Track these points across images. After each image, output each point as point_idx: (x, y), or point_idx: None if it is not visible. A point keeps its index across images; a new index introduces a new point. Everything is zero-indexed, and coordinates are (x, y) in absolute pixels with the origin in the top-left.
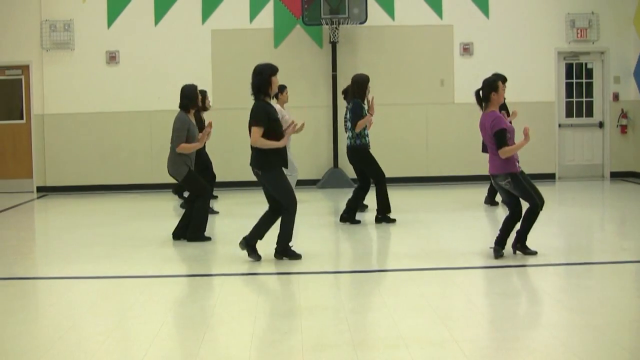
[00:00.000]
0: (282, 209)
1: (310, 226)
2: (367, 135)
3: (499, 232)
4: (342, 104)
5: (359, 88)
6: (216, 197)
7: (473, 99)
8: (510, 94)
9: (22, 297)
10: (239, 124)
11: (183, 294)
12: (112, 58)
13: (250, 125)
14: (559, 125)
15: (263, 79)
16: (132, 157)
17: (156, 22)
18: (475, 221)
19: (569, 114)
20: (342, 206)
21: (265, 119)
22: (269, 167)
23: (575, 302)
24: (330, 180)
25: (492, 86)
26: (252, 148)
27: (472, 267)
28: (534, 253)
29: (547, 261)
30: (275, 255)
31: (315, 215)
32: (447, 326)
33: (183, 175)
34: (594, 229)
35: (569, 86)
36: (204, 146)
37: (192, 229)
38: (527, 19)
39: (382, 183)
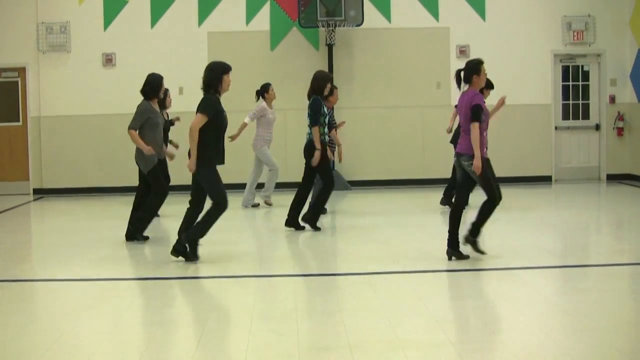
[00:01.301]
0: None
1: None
2: (325, 134)
3: (448, 233)
4: (338, 106)
5: (318, 85)
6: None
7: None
8: (507, 96)
9: (19, 299)
10: (234, 126)
11: (179, 296)
12: (109, 60)
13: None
14: (556, 128)
15: (214, 77)
16: (129, 159)
17: (152, 25)
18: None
19: (565, 116)
20: (337, 208)
21: (213, 110)
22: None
23: (572, 305)
24: None
25: (474, 68)
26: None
27: (469, 269)
28: (467, 257)
29: (543, 263)
30: (175, 246)
31: None
32: (444, 329)
33: (149, 167)
34: (590, 231)
35: (565, 89)
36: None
37: (136, 223)
38: (523, 21)
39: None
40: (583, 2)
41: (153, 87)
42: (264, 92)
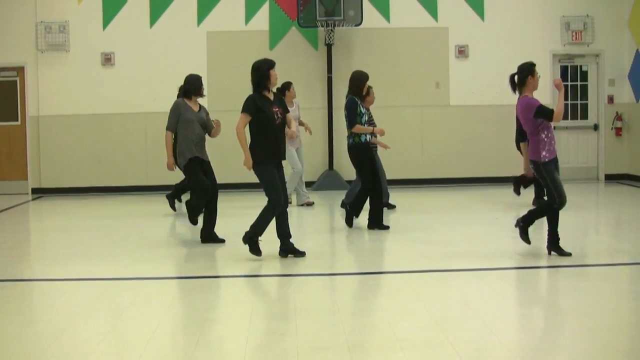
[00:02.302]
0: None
1: (306, 228)
2: (361, 135)
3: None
4: (337, 105)
5: (354, 85)
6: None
7: (468, 102)
8: (505, 96)
9: (17, 299)
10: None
11: (178, 295)
12: (108, 60)
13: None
14: (554, 128)
15: (261, 74)
16: (128, 159)
17: (151, 24)
18: (472, 223)
19: (563, 116)
20: (338, 207)
21: (252, 109)
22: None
23: (571, 305)
24: (326, 182)
25: (528, 70)
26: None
27: (468, 269)
28: (569, 254)
29: (542, 263)
30: (243, 239)
31: (310, 217)
32: (443, 328)
33: (183, 163)
34: (588, 231)
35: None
36: None
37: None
38: (522, 21)
39: (366, 190)
40: (582, 3)
41: (194, 85)
42: (284, 89)
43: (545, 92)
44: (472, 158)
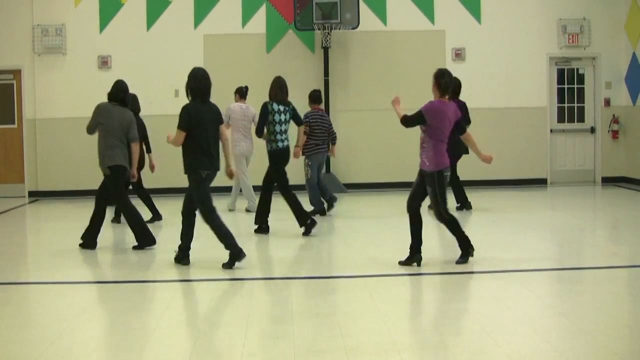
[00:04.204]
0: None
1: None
2: (278, 141)
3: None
4: (334, 108)
5: (272, 89)
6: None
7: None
8: (502, 99)
9: (13, 302)
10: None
11: (175, 299)
12: (104, 63)
13: (221, 120)
14: (551, 131)
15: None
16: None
17: (148, 27)
18: (465, 226)
19: (560, 119)
20: (335, 210)
21: None
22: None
23: (567, 307)
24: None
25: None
26: (217, 147)
27: (465, 272)
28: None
29: (539, 266)
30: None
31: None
32: (439, 331)
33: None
34: (585, 234)
35: (560, 91)
36: None
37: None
38: (519, 24)
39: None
40: (578, 6)
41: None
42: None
43: (542, 94)
44: (469, 160)
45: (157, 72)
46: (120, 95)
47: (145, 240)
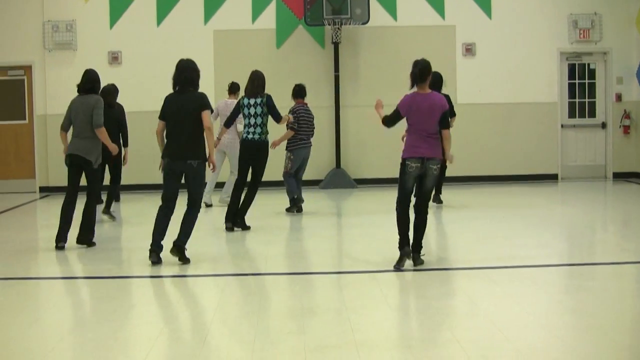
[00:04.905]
0: (191, 204)
1: (313, 226)
2: (244, 133)
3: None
4: (344, 104)
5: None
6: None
7: (475, 100)
8: (513, 95)
9: (24, 297)
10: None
11: (185, 294)
12: (115, 58)
13: (202, 109)
14: (562, 126)
15: (199, 74)
16: (135, 157)
17: (158, 23)
18: (476, 222)
19: (571, 114)
20: (345, 206)
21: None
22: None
23: (577, 303)
24: (333, 180)
25: (430, 66)
26: (191, 137)
27: (475, 267)
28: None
29: (549, 262)
30: (171, 251)
31: (317, 216)
32: (449, 327)
33: (99, 162)
34: (596, 229)
35: (571, 87)
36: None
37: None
38: (529, 19)
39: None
40: (589, 0)
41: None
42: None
43: (553, 90)
44: (477, 156)
45: (167, 68)
46: (88, 85)
47: (87, 236)
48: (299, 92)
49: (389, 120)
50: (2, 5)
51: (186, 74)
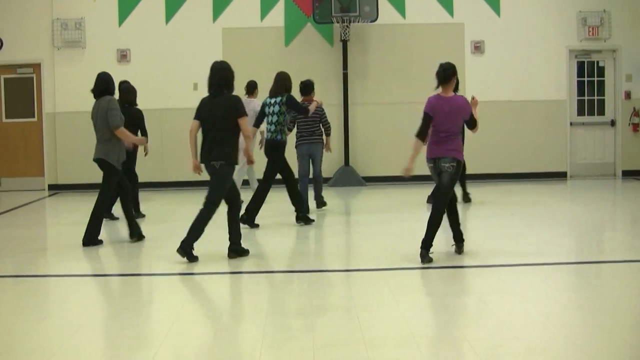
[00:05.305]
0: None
1: (321, 224)
2: (266, 132)
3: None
4: (353, 101)
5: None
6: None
7: (484, 97)
8: (521, 92)
9: (33, 294)
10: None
11: (194, 292)
12: (123, 56)
13: (241, 116)
14: (571, 124)
15: (233, 75)
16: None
17: (167, 21)
18: (485, 219)
19: (580, 112)
20: (354, 204)
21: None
22: (234, 161)
23: (586, 301)
24: (342, 178)
25: (455, 69)
26: (219, 141)
27: (483, 265)
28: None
29: (557, 260)
30: (177, 250)
31: (326, 214)
32: (459, 324)
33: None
34: (605, 227)
35: (580, 84)
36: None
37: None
38: (538, 17)
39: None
40: None
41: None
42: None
43: (562, 87)
44: (486, 154)
45: (175, 66)
46: (101, 88)
47: (91, 237)
48: (303, 89)
49: (422, 130)
50: (11, 4)
51: (221, 74)
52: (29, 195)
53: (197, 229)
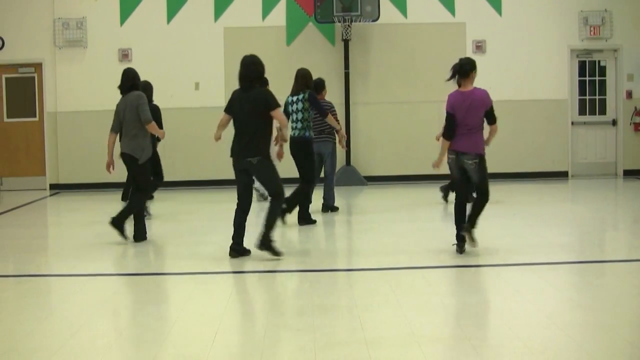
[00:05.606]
0: (273, 197)
1: (322, 224)
2: (290, 129)
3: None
4: (354, 101)
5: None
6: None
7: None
8: (523, 92)
9: (34, 294)
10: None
11: (195, 291)
12: (125, 56)
13: (274, 108)
14: (572, 123)
15: (264, 69)
16: None
17: (169, 20)
18: (486, 219)
19: (581, 111)
20: (355, 203)
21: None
22: (268, 154)
23: (588, 300)
24: (343, 177)
25: (473, 64)
26: (252, 136)
27: (485, 265)
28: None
29: (559, 259)
30: (260, 247)
31: (327, 213)
32: (460, 324)
33: (147, 157)
34: (606, 227)
35: (581, 84)
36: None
37: (121, 216)
38: (540, 16)
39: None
40: None
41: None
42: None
43: (563, 87)
44: (488, 153)
45: (177, 65)
46: (128, 84)
47: (141, 234)
48: (314, 88)
49: (448, 129)
50: (12, 3)
51: (252, 67)
52: (30, 195)
53: (271, 223)
